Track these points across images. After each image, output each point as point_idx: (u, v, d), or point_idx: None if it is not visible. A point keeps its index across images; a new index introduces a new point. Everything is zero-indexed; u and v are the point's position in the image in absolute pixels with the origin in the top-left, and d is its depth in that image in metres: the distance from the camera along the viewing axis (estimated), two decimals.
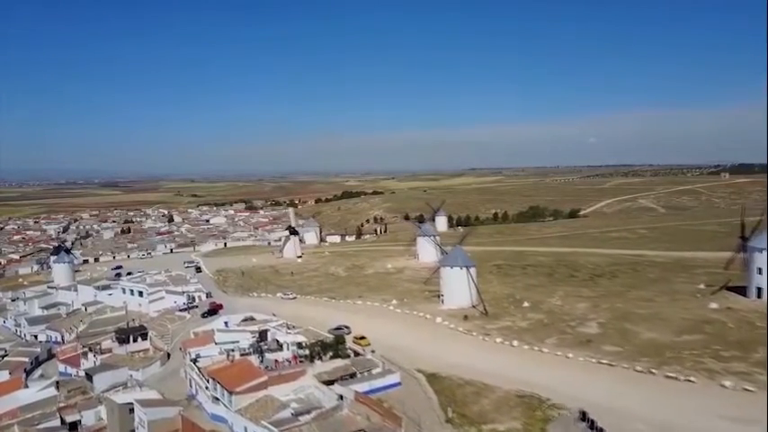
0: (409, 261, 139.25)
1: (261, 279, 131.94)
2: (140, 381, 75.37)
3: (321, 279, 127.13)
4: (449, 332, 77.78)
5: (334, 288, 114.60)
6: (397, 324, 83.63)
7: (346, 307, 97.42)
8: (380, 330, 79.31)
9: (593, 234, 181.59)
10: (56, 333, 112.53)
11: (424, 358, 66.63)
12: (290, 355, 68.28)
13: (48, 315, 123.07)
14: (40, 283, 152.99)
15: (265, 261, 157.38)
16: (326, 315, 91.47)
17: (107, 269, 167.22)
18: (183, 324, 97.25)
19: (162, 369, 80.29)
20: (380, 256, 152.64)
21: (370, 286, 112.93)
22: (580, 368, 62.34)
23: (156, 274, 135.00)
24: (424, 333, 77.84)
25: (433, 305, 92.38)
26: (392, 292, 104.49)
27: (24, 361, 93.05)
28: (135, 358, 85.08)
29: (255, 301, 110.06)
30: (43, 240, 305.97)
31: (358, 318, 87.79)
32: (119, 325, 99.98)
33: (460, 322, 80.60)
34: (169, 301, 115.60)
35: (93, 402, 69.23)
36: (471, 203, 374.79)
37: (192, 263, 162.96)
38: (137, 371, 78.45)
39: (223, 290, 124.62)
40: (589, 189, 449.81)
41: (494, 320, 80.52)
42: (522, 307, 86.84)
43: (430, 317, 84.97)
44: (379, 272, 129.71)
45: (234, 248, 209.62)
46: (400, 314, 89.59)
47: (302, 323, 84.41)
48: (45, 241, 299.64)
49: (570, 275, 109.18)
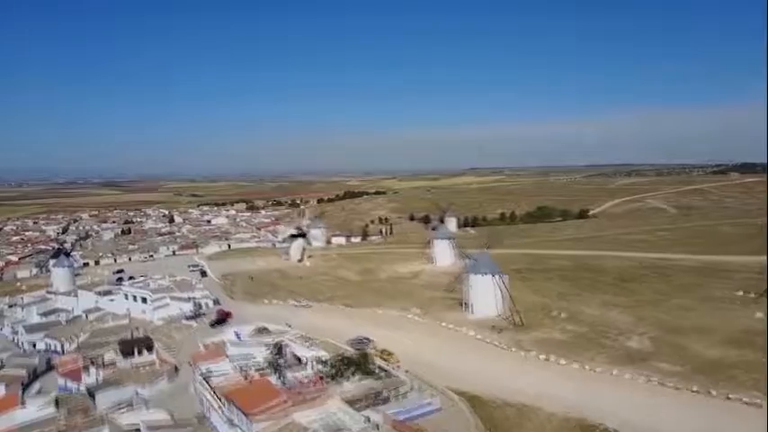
0: (424, 265, 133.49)
1: (269, 284, 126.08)
2: (147, 398, 69.61)
3: (333, 284, 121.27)
4: (481, 346, 72.11)
5: (348, 294, 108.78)
6: (423, 336, 77.92)
7: (364, 316, 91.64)
8: (405, 343, 73.61)
9: (610, 236, 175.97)
10: (55, 342, 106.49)
11: (458, 376, 60.95)
12: (311, 373, 62.51)
13: (47, 322, 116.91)
14: (39, 287, 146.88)
15: (272, 264, 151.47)
16: (344, 325, 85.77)
17: (108, 273, 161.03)
18: (190, 334, 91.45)
19: (170, 384, 74.52)
20: (392, 260, 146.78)
21: (387, 293, 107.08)
22: (631, 387, 56.79)
23: (160, 279, 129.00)
24: (454, 347, 72.11)
25: (457, 314, 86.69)
26: (412, 300, 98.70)
27: (21, 374, 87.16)
28: (140, 372, 79.15)
29: (265, 308, 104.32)
30: (42, 241, 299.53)
31: (379, 329, 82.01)
32: (122, 335, 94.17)
33: (492, 334, 74.93)
34: (174, 309, 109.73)
35: (96, 423, 63.52)
36: (477, 203, 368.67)
37: (197, 266, 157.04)
38: (142, 387, 72.70)
39: (230, 296, 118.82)
40: (595, 189, 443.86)
41: (528, 332, 74.82)
42: (556, 317, 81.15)
43: (457, 328, 79.29)
44: (393, 276, 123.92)
45: (238, 250, 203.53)
46: (424, 324, 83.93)
47: (319, 334, 78.85)
48: (44, 242, 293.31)
49: (598, 281, 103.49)
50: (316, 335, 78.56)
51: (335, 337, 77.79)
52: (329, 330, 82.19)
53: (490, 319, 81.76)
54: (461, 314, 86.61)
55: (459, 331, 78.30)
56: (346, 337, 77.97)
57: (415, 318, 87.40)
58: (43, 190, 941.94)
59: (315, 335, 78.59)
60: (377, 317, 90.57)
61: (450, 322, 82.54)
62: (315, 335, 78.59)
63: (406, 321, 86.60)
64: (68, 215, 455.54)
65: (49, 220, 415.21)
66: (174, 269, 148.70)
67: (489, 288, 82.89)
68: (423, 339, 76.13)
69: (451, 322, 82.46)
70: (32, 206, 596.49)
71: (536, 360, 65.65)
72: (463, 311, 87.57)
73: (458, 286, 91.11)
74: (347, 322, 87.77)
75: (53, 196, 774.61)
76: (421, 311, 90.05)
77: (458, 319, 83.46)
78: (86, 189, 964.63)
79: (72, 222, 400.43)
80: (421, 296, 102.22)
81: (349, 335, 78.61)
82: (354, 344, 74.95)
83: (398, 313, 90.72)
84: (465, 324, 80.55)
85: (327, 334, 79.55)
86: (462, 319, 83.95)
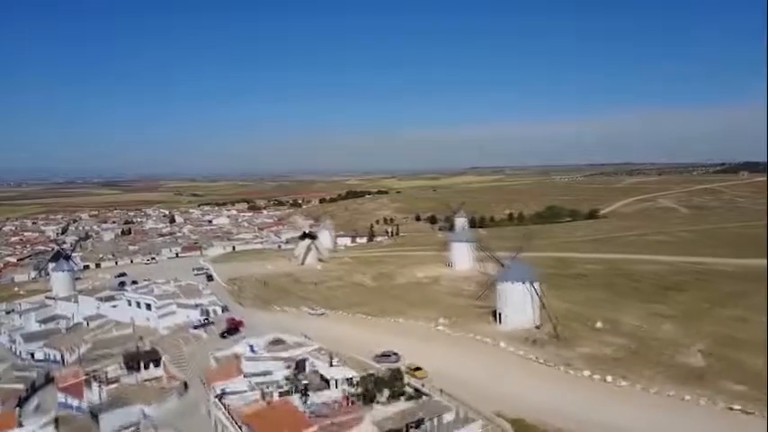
0: (441, 269, 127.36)
1: (280, 289, 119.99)
2: (155, 420, 63.66)
3: (348, 290, 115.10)
4: (520, 361, 66.04)
5: (365, 302, 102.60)
6: (454, 350, 71.80)
7: (386, 326, 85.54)
8: (436, 358, 67.42)
9: (629, 237, 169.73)
10: (55, 352, 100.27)
11: (499, 398, 54.87)
12: (339, 394, 56.49)
13: (46, 330, 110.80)
14: (38, 292, 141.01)
15: (281, 268, 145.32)
16: (365, 337, 79.71)
17: (110, 276, 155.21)
18: (199, 346, 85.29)
19: (179, 403, 68.38)
20: (407, 263, 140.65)
21: (408, 300, 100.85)
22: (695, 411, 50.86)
23: (165, 284, 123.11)
24: (490, 362, 65.98)
25: (487, 325, 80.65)
26: (435, 308, 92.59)
27: (19, 389, 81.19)
28: (147, 389, 73.18)
29: (278, 316, 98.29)
30: (41, 242, 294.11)
31: (404, 341, 75.85)
32: (126, 346, 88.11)
33: (530, 348, 68.89)
34: (181, 316, 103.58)
35: None
36: (484, 203, 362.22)
37: (202, 269, 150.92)
38: (150, 405, 66.77)
39: (239, 302, 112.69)
40: (602, 188, 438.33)
41: (569, 346, 68.74)
42: (597, 328, 75.07)
43: (490, 340, 73.21)
44: (411, 282, 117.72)
45: (243, 252, 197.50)
46: (453, 336, 77.76)
47: (339, 347, 72.74)
48: (43, 243, 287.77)
49: (634, 287, 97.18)
50: (336, 348, 72.49)
51: (358, 351, 71.74)
52: (349, 342, 76.17)
53: (524, 330, 75.70)
54: (491, 325, 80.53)
55: (492, 344, 72.15)
56: (369, 350, 71.97)
57: (441, 329, 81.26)
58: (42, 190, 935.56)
59: (335, 347, 72.53)
60: (400, 327, 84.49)
61: (481, 334, 76.43)
62: (335, 347, 72.53)
63: (432, 333, 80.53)
64: (68, 215, 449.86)
65: (48, 221, 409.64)
66: (179, 272, 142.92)
67: (522, 297, 76.83)
68: (453, 354, 69.97)
69: (482, 334, 76.35)
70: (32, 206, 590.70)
71: (584, 379, 59.61)
72: (493, 322, 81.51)
73: (487, 294, 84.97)
74: (368, 333, 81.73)
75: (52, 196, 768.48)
76: (447, 321, 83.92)
77: (488, 331, 77.38)
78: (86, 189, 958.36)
79: (71, 222, 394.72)
80: (444, 304, 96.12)
81: (372, 348, 72.61)
82: (380, 359, 68.95)
83: (423, 323, 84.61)
84: (497, 336, 74.48)
85: (348, 347, 73.49)
86: (493, 330, 77.88)
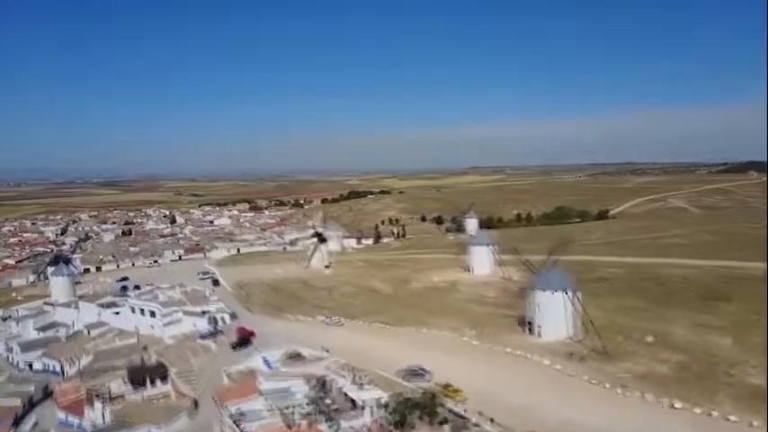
0: (458, 273, 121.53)
1: (291, 295, 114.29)
2: None
3: (363, 297, 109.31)
4: (564, 380, 60.26)
5: (382, 309, 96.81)
6: (488, 365, 66.05)
7: (409, 337, 79.76)
8: (469, 375, 61.78)
9: (645, 239, 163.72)
10: (54, 362, 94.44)
11: (556, 426, 49.09)
12: (369, 420, 50.81)
13: (44, 338, 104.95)
14: (36, 297, 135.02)
15: (290, 272, 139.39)
16: (387, 349, 74.04)
17: (111, 280, 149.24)
18: (209, 358, 79.58)
19: (190, 424, 62.80)
20: (420, 267, 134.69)
21: (428, 308, 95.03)
22: None
23: (170, 289, 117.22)
24: (533, 381, 60.14)
25: (520, 337, 75.02)
26: (459, 317, 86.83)
27: (16, 404, 75.51)
28: (153, 407, 67.59)
29: (291, 325, 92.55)
30: (40, 243, 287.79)
31: (430, 354, 70.18)
32: (130, 358, 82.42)
33: (573, 364, 63.13)
34: (187, 325, 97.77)
35: None
36: (490, 204, 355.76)
37: (207, 274, 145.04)
38: (158, 428, 61.17)
39: (248, 308, 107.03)
40: (609, 188, 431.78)
41: (617, 362, 62.94)
42: (641, 341, 69.35)
43: (527, 354, 67.45)
44: (428, 287, 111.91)
45: (248, 255, 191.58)
46: (483, 349, 72.09)
47: (361, 361, 67.11)
48: (42, 244, 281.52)
49: (668, 294, 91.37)
50: (358, 362, 66.88)
51: (382, 366, 66.07)
52: (371, 356, 70.54)
53: (562, 343, 70.03)
54: (524, 336, 74.90)
55: (529, 359, 66.39)
56: (394, 365, 66.32)
57: (468, 340, 75.51)
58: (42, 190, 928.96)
59: (357, 362, 66.92)
60: (423, 338, 78.75)
61: (514, 347, 70.76)
62: (357, 362, 66.92)
63: (458, 344, 74.81)
64: (67, 215, 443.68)
65: (47, 221, 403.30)
66: (183, 276, 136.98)
67: (560, 307, 71.15)
68: (488, 370, 64.24)
69: (515, 347, 70.69)
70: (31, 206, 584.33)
71: (642, 401, 53.77)
72: (525, 333, 75.89)
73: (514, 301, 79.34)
74: (389, 345, 76.01)
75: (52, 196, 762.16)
76: (474, 332, 78.22)
77: (522, 343, 71.68)
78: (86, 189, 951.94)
79: (71, 223, 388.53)
80: (467, 312, 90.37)
81: (397, 362, 66.98)
82: (409, 376, 63.19)
83: (448, 334, 78.92)
84: (533, 349, 68.78)
85: (371, 361, 67.85)
86: (527, 342, 72.20)
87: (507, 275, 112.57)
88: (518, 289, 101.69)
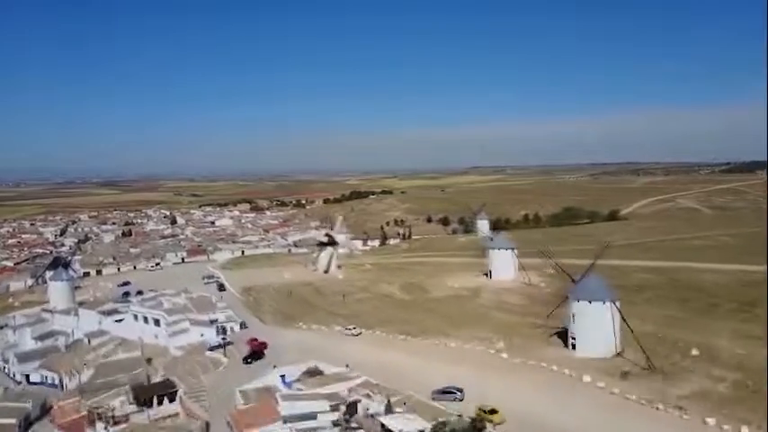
0: (477, 278, 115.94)
1: (303, 301, 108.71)
2: None
3: (378, 304, 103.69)
4: (611, 400, 54.70)
5: (401, 318, 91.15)
6: (524, 382, 60.43)
7: (434, 350, 74.10)
8: (508, 396, 56.16)
9: (668, 242, 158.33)
10: (53, 374, 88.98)
11: None
12: None
13: (42, 348, 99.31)
14: (34, 303, 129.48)
15: (299, 276, 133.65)
16: (413, 364, 68.50)
17: (112, 285, 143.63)
18: (220, 373, 74.02)
19: None
20: (435, 271, 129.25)
21: (450, 317, 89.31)
22: None
23: (174, 296, 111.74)
24: (580, 403, 54.48)
25: (554, 349, 69.61)
26: (485, 327, 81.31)
27: (11, 423, 70.01)
28: (161, 429, 62.10)
29: (305, 336, 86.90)
30: (39, 244, 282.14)
31: (460, 370, 64.68)
32: (134, 372, 76.88)
33: (624, 384, 57.51)
34: (194, 335, 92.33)
35: None
36: (496, 204, 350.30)
37: (212, 278, 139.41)
38: None
39: (258, 316, 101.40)
40: (616, 188, 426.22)
41: (670, 380, 57.35)
42: (689, 355, 63.88)
43: (567, 371, 61.92)
44: (448, 294, 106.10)
45: (253, 257, 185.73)
46: (518, 365, 66.46)
47: (387, 379, 61.62)
48: (41, 245, 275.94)
49: (710, 303, 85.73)
50: (385, 380, 61.45)
51: (411, 384, 60.44)
52: (398, 372, 65.00)
53: (602, 358, 64.52)
54: (559, 349, 69.48)
55: (571, 377, 60.81)
56: (423, 382, 60.77)
57: (499, 354, 69.95)
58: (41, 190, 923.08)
59: (383, 379, 61.49)
60: (450, 352, 73.15)
61: (551, 362, 65.25)
62: (383, 379, 61.49)
63: (489, 359, 69.23)
64: (67, 216, 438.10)
65: (46, 222, 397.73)
66: (187, 281, 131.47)
67: (600, 318, 65.65)
68: (528, 389, 58.62)
69: (553, 362, 65.19)
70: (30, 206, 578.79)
71: (704, 427, 48.27)
72: (559, 345, 70.48)
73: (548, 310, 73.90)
74: (415, 360, 70.39)
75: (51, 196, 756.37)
76: (505, 345, 72.71)
77: (559, 358, 66.22)
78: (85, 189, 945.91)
79: (71, 224, 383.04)
80: (494, 322, 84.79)
81: (426, 380, 61.49)
82: (442, 396, 57.67)
83: (476, 347, 73.33)
84: (573, 365, 63.29)
85: (399, 378, 62.31)
86: (565, 357, 66.75)
87: (530, 281, 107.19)
88: (545, 296, 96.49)
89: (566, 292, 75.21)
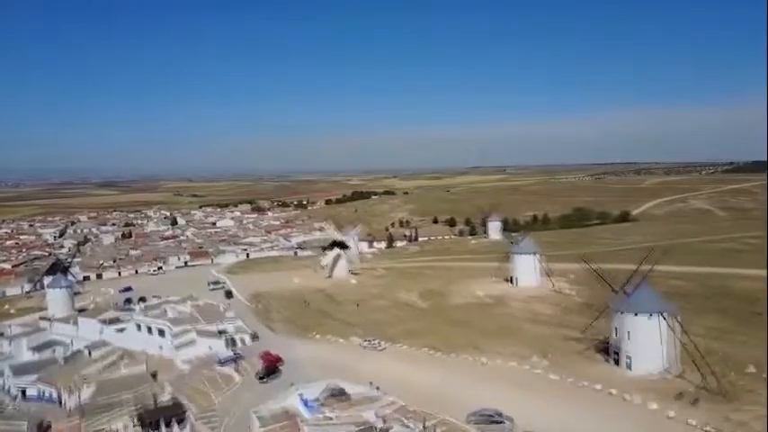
0: (500, 285, 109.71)
1: (316, 310, 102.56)
2: None
3: (398, 313, 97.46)
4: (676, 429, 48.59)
5: (425, 329, 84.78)
6: (575, 407, 54.04)
7: (466, 368, 67.79)
8: (557, 422, 50.12)
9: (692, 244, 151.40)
10: (51, 388, 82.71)
11: None
12: None
13: (40, 361, 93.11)
14: (31, 310, 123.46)
15: (310, 281, 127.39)
16: (444, 384, 62.19)
17: (113, 291, 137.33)
18: (233, 392, 67.76)
19: None
20: (453, 277, 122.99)
21: (479, 328, 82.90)
22: None
23: (180, 303, 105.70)
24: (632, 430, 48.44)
25: (602, 367, 63.61)
26: (519, 341, 75.15)
27: None
28: None
29: (321, 348, 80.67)
30: (38, 246, 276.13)
31: (497, 391, 58.57)
32: (138, 390, 70.67)
33: (688, 409, 51.40)
34: (202, 347, 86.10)
35: None
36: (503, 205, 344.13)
37: (218, 283, 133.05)
38: None
39: (269, 326, 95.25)
40: (625, 188, 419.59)
41: (739, 404, 51.28)
42: (748, 373, 57.86)
43: (623, 395, 55.71)
44: (470, 302, 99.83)
45: (259, 261, 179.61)
46: (561, 385, 60.27)
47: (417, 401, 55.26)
48: (40, 247, 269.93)
49: (753, 313, 79.86)
50: (414, 401, 55.16)
51: (445, 407, 54.09)
52: (427, 392, 58.72)
53: (659, 378, 58.51)
54: (608, 367, 63.41)
55: (625, 400, 54.64)
56: (457, 405, 54.56)
57: (543, 373, 63.74)
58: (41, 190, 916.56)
59: (412, 400, 55.21)
60: (482, 370, 66.93)
61: (599, 381, 59.15)
62: (412, 400, 55.21)
63: (532, 379, 62.91)
64: (66, 217, 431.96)
65: (45, 223, 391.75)
66: (191, 286, 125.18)
67: (655, 333, 59.60)
68: (578, 415, 52.40)
69: (601, 382, 59.07)
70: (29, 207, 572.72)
71: None
72: (602, 361, 64.47)
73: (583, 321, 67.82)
74: (445, 379, 64.07)
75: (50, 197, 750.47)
76: (544, 361, 66.58)
77: (610, 377, 60.14)
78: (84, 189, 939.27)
79: (70, 225, 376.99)
80: (527, 334, 78.52)
81: (461, 402, 55.28)
82: (483, 423, 51.55)
83: (514, 365, 67.10)
84: (627, 387, 57.13)
85: (429, 399, 56.01)
86: (615, 376, 60.67)
87: (558, 288, 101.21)
88: (577, 305, 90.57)
89: (600, 300, 69.38)
